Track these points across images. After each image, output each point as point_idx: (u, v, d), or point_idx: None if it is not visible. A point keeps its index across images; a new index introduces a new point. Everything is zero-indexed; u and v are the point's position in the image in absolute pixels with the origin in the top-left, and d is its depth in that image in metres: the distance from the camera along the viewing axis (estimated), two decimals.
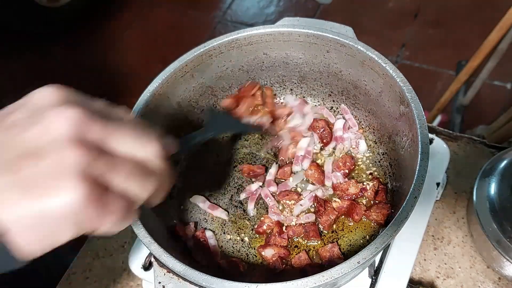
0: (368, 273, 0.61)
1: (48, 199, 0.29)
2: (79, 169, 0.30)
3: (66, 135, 0.30)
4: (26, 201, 0.29)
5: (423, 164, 0.50)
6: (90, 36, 2.39)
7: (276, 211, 0.65)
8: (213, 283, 0.44)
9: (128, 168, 0.33)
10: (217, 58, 0.68)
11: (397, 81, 0.57)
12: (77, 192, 0.29)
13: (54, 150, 0.30)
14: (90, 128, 0.31)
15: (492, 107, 1.79)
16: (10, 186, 0.29)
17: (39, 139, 0.30)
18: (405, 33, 2.20)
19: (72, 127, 0.30)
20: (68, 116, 0.31)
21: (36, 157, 0.29)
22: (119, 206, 0.32)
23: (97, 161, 0.31)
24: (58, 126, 0.30)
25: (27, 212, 0.29)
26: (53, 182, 0.29)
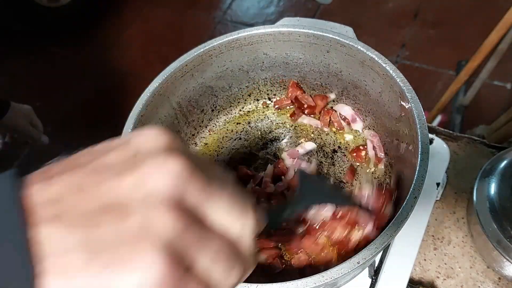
0: (368, 273, 0.61)
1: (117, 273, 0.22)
2: (166, 240, 0.23)
3: (163, 191, 0.24)
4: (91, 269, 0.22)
5: (423, 164, 0.50)
6: (90, 36, 2.39)
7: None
8: None
9: (218, 246, 0.26)
10: (217, 58, 0.68)
11: (397, 81, 0.57)
12: (156, 269, 0.22)
13: (144, 209, 0.23)
14: (191, 188, 0.25)
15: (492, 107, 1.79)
16: (77, 246, 0.22)
17: (130, 191, 0.24)
18: (405, 33, 2.20)
19: (172, 182, 0.24)
20: (171, 169, 0.24)
21: (120, 213, 0.23)
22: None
23: (190, 231, 0.24)
24: (156, 180, 0.24)
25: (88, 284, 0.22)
26: (130, 252, 0.22)
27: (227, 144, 0.75)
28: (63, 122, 1.98)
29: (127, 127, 0.58)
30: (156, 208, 0.23)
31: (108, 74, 2.18)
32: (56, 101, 2.08)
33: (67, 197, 0.24)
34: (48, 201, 0.23)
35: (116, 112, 1.94)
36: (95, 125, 1.90)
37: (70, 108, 2.06)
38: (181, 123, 0.70)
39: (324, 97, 0.73)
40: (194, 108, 0.72)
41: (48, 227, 0.22)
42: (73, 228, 0.23)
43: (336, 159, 0.71)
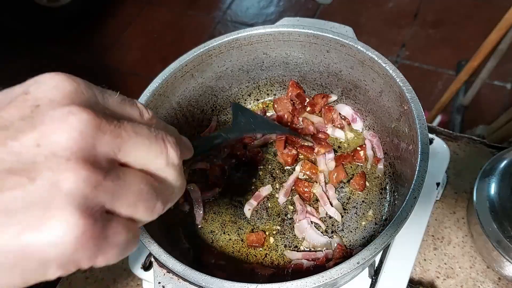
0: (368, 273, 0.61)
1: (32, 235, 0.22)
2: (79, 199, 0.23)
3: (68, 150, 0.23)
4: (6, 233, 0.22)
5: (423, 164, 0.50)
6: (90, 36, 2.39)
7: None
8: (213, 283, 0.44)
9: (137, 189, 0.26)
10: (217, 58, 0.68)
11: (397, 81, 0.57)
12: (72, 228, 0.22)
13: (50, 169, 0.23)
14: (99, 139, 0.25)
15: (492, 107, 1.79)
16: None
17: (32, 150, 0.23)
18: (405, 33, 2.20)
19: (77, 138, 0.24)
20: (75, 123, 0.24)
21: (25, 176, 0.23)
22: (122, 238, 0.26)
23: (103, 185, 0.24)
24: (59, 137, 0.24)
25: (5, 247, 0.22)
26: (42, 213, 0.22)
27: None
28: None
29: None
30: (63, 166, 0.23)
31: (108, 74, 2.18)
32: None
33: None
34: None
35: None
36: None
37: None
38: (181, 123, 0.70)
39: (325, 95, 0.73)
40: (194, 108, 0.72)
41: None
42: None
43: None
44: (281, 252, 0.62)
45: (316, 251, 0.61)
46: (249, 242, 0.63)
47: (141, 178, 0.27)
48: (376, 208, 0.65)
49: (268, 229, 0.65)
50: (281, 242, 0.63)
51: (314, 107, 0.74)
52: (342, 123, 0.73)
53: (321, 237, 0.62)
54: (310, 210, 0.65)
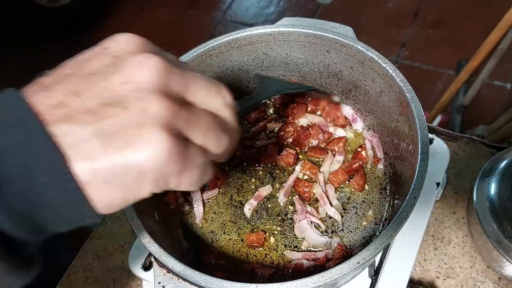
0: (368, 273, 0.61)
1: (131, 152, 0.27)
2: (164, 121, 0.28)
3: (150, 84, 0.28)
4: (108, 153, 0.27)
5: (423, 164, 0.50)
6: (90, 36, 2.39)
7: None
8: (213, 283, 0.44)
9: (206, 120, 0.31)
10: (217, 58, 0.68)
11: (397, 81, 0.57)
12: (161, 145, 0.27)
13: (138, 100, 0.28)
14: (171, 78, 0.30)
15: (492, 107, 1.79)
16: (92, 136, 0.27)
17: (121, 87, 0.28)
18: (405, 33, 2.20)
19: (156, 76, 0.29)
20: (152, 65, 0.29)
21: (119, 106, 0.28)
22: (200, 161, 0.31)
23: (180, 113, 0.29)
24: (142, 75, 0.29)
25: (109, 165, 0.27)
26: (137, 134, 0.27)
27: None
28: None
29: None
30: (148, 97, 0.28)
31: None
32: None
33: (70, 101, 0.28)
34: (54, 106, 0.27)
35: None
36: None
37: None
38: None
39: (327, 96, 0.73)
40: None
41: (62, 124, 0.27)
42: (84, 123, 0.27)
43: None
44: (281, 252, 0.62)
45: (316, 251, 0.61)
46: (249, 242, 0.63)
47: (206, 112, 0.32)
48: (376, 208, 0.65)
49: (268, 229, 0.65)
50: (281, 242, 0.63)
51: (315, 107, 0.74)
52: (345, 122, 0.73)
53: (321, 237, 0.62)
54: (310, 210, 0.65)
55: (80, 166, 0.27)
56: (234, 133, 0.35)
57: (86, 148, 0.27)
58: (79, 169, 0.27)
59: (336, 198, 0.66)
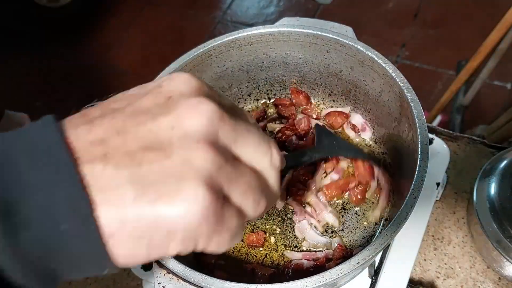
0: (368, 273, 0.61)
1: (165, 205, 0.24)
2: (207, 175, 0.25)
3: (199, 132, 0.26)
4: (140, 203, 0.24)
5: (423, 164, 0.50)
6: (90, 36, 2.39)
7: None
8: (213, 284, 0.44)
9: (249, 180, 0.29)
10: (217, 58, 0.68)
11: (397, 81, 0.57)
12: (200, 201, 0.25)
13: (183, 148, 0.26)
14: (222, 128, 0.27)
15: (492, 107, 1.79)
16: (125, 182, 0.24)
17: (167, 132, 0.26)
18: (405, 33, 2.20)
19: (206, 124, 0.26)
20: (204, 111, 0.27)
21: (162, 152, 0.25)
22: (234, 223, 0.28)
23: (224, 168, 0.27)
24: (191, 121, 0.26)
25: (138, 216, 0.24)
26: (176, 185, 0.25)
27: None
28: None
29: None
30: (194, 146, 0.26)
31: (108, 74, 2.19)
32: (56, 101, 2.08)
33: (111, 139, 0.26)
34: (93, 142, 0.25)
35: None
36: None
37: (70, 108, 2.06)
38: None
39: (341, 113, 0.72)
40: None
41: (97, 165, 0.24)
42: (121, 165, 0.24)
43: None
44: (281, 252, 0.62)
45: (316, 251, 0.61)
46: (249, 242, 0.63)
47: (250, 170, 0.30)
48: (376, 208, 0.65)
49: (268, 229, 0.65)
50: (281, 242, 0.63)
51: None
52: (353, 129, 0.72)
53: (321, 237, 0.62)
54: (310, 211, 0.65)
55: (107, 214, 0.24)
56: (273, 197, 0.32)
57: (117, 195, 0.24)
58: (106, 217, 0.24)
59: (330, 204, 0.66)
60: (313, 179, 0.67)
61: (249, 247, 0.63)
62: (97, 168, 0.24)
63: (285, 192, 0.67)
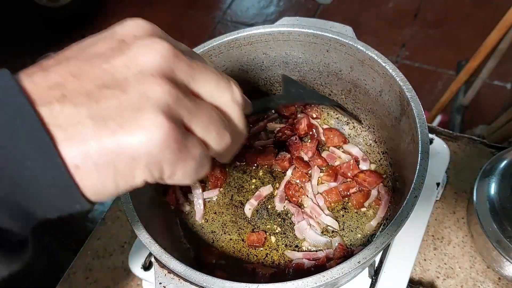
0: (368, 273, 0.61)
1: (126, 135, 0.26)
2: (164, 106, 0.26)
3: (154, 67, 0.27)
4: (101, 136, 0.25)
5: (423, 164, 0.50)
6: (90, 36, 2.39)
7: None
8: (214, 284, 0.44)
9: (209, 113, 0.30)
10: (217, 58, 0.68)
11: (397, 81, 0.57)
12: (159, 129, 0.26)
13: (139, 83, 0.27)
14: (177, 65, 0.28)
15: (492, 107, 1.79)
16: (84, 118, 0.25)
17: (123, 70, 0.27)
18: (405, 33, 2.20)
19: (161, 60, 0.28)
20: (158, 49, 0.28)
21: (118, 89, 0.26)
22: (198, 153, 0.29)
23: (182, 101, 0.28)
24: (146, 58, 0.27)
25: (100, 148, 0.25)
26: (134, 117, 0.26)
27: None
28: None
29: None
30: (151, 80, 0.27)
31: None
32: None
33: (67, 82, 0.27)
34: (50, 86, 0.26)
35: None
36: None
37: None
38: None
39: (340, 135, 0.71)
40: None
41: (55, 105, 0.25)
42: (79, 104, 0.26)
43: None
44: (282, 252, 0.62)
45: (317, 251, 0.61)
46: (249, 242, 0.63)
47: (211, 106, 0.31)
48: (376, 208, 0.65)
49: (268, 229, 0.65)
50: (281, 242, 0.63)
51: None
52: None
53: (321, 237, 0.62)
54: (309, 211, 0.65)
55: (70, 149, 0.25)
56: (238, 133, 0.34)
57: (78, 130, 0.25)
58: (69, 152, 0.25)
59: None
60: (309, 182, 0.67)
61: (250, 247, 0.63)
62: (56, 108, 0.25)
63: (284, 195, 0.67)
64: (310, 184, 0.67)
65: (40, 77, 0.27)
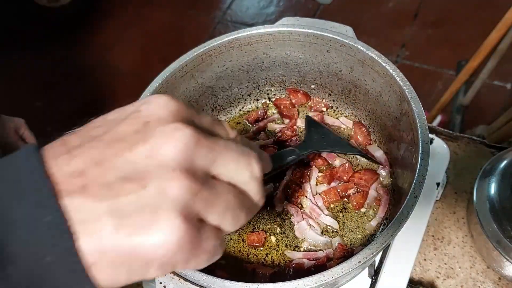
0: (368, 273, 0.61)
1: (142, 236, 0.25)
2: (181, 204, 0.26)
3: (174, 159, 0.27)
4: (118, 235, 0.25)
5: (423, 163, 0.50)
6: (90, 36, 2.39)
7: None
8: (214, 284, 0.44)
9: (227, 199, 0.29)
10: (217, 58, 0.68)
11: (397, 80, 0.57)
12: (174, 232, 0.26)
13: (159, 177, 0.26)
14: (198, 152, 0.28)
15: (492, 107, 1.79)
16: (104, 214, 0.25)
17: (144, 161, 0.27)
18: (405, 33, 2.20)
19: (182, 150, 0.27)
20: (180, 138, 0.27)
21: (138, 182, 0.26)
22: (212, 244, 0.29)
23: (200, 194, 0.27)
24: (167, 150, 0.27)
25: (117, 248, 0.25)
26: (151, 217, 0.26)
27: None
28: (63, 122, 1.98)
29: None
30: (169, 175, 0.26)
31: (108, 74, 2.18)
32: (56, 101, 2.08)
33: (89, 170, 0.26)
34: (73, 173, 0.26)
35: None
36: None
37: (70, 108, 2.06)
38: None
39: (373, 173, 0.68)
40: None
41: (77, 197, 0.25)
42: (99, 197, 0.25)
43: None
44: (282, 252, 0.62)
45: (317, 251, 0.61)
46: (249, 242, 0.63)
47: (228, 189, 0.30)
48: (376, 207, 0.65)
49: (268, 229, 0.65)
50: (281, 242, 0.63)
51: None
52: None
53: (321, 237, 0.62)
54: (309, 212, 0.64)
55: (88, 245, 0.25)
56: (254, 208, 0.33)
57: (97, 227, 0.25)
58: (87, 248, 0.25)
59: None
60: (308, 183, 0.67)
61: (250, 246, 0.63)
62: (77, 201, 0.25)
63: (284, 196, 0.67)
64: (309, 184, 0.67)
65: (64, 161, 0.27)
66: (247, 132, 0.76)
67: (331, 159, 0.70)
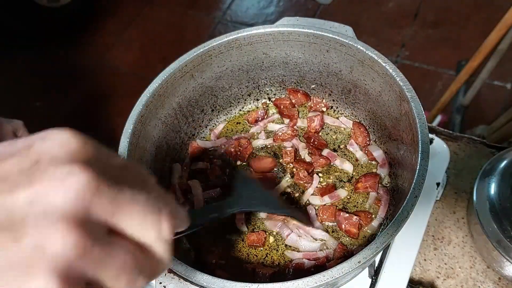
0: (368, 273, 0.61)
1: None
2: (62, 265, 0.22)
3: (61, 209, 0.22)
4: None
5: (423, 164, 0.50)
6: (90, 36, 2.39)
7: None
8: (214, 284, 0.44)
9: (123, 260, 0.25)
10: (217, 58, 0.68)
11: (397, 80, 0.57)
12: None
13: (38, 229, 0.22)
14: (96, 202, 0.24)
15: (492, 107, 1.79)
16: None
17: (24, 208, 0.22)
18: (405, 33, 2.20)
19: (73, 200, 0.23)
20: (73, 186, 0.23)
21: (12, 234, 0.22)
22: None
23: (90, 252, 0.23)
24: (54, 197, 0.23)
25: None
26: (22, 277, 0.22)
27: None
28: (63, 122, 1.98)
29: (127, 127, 0.58)
30: (53, 227, 0.22)
31: (108, 74, 2.18)
32: (56, 101, 2.08)
33: None
34: None
35: (116, 112, 1.94)
36: (95, 125, 1.90)
37: (70, 108, 2.06)
38: (181, 123, 0.70)
39: (374, 175, 0.67)
40: (194, 108, 0.72)
41: None
42: None
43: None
44: (282, 252, 0.62)
45: (317, 251, 0.61)
46: (249, 242, 0.63)
47: (127, 249, 0.26)
48: (376, 208, 0.65)
49: (268, 229, 0.65)
50: (281, 242, 0.63)
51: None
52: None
53: (314, 243, 0.61)
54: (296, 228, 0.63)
55: None
56: (157, 271, 0.29)
57: None
58: None
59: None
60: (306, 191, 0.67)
61: (250, 246, 0.63)
62: None
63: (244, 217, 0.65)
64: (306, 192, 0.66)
65: None
66: (247, 132, 0.76)
67: (332, 158, 0.70)
